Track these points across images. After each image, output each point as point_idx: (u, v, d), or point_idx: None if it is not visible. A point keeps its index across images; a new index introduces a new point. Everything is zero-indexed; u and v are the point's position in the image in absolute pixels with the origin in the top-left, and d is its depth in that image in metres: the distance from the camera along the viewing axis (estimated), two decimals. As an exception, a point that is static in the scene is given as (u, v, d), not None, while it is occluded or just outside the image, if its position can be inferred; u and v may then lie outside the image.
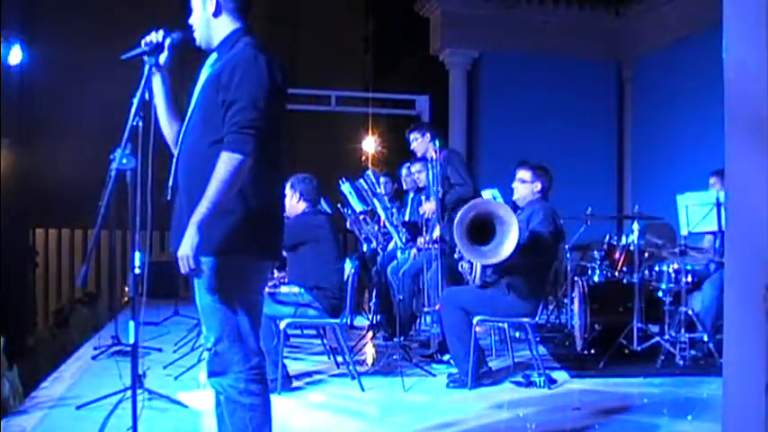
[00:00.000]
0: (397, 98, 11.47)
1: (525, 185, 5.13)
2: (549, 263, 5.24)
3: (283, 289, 4.95)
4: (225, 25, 2.81)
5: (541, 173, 5.19)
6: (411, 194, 7.06)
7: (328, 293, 4.89)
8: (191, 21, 2.87)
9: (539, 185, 5.12)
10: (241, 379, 2.71)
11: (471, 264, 5.07)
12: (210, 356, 2.77)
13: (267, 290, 4.58)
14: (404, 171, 7.17)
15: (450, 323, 4.90)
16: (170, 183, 2.82)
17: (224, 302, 2.70)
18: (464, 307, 4.86)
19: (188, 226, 2.60)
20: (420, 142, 6.02)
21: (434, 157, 5.56)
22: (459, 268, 5.22)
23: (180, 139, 2.82)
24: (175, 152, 2.84)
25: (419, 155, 6.12)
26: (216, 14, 2.80)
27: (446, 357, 5.49)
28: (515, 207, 5.13)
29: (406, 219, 6.66)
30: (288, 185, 5.04)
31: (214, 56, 2.85)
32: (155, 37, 2.83)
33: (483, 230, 4.70)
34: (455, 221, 4.76)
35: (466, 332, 4.83)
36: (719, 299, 5.28)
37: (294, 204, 5.04)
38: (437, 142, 5.65)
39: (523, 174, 5.16)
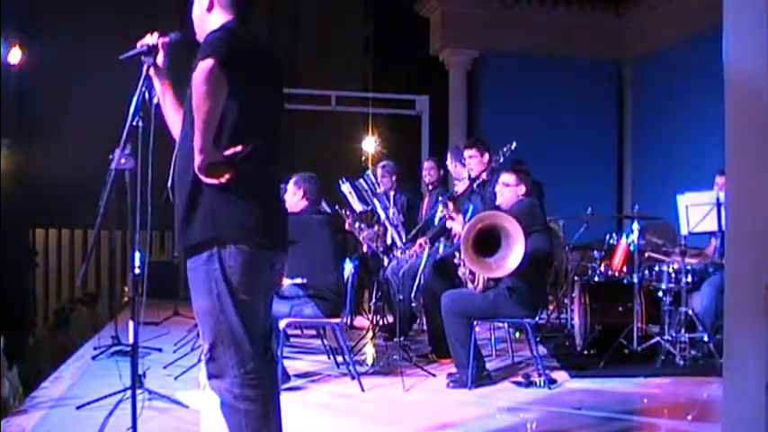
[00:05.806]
0: (397, 98, 11.44)
1: (510, 189, 5.07)
2: (549, 263, 5.23)
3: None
4: (216, 20, 2.79)
5: (524, 175, 5.15)
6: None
7: (324, 296, 4.87)
8: (193, 16, 2.86)
9: (523, 188, 5.06)
10: (236, 384, 2.68)
11: (473, 271, 5.03)
12: (206, 360, 2.75)
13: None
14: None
15: (453, 330, 4.88)
16: (168, 183, 2.82)
17: (219, 306, 2.66)
18: (466, 314, 4.85)
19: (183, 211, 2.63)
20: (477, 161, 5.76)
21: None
22: (460, 274, 5.20)
23: (178, 141, 2.81)
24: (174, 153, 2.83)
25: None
26: (208, 9, 2.80)
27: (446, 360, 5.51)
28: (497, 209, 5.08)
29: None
30: (291, 182, 5.03)
31: None
32: (149, 40, 2.85)
33: (488, 242, 4.68)
34: (462, 233, 4.74)
35: (467, 337, 4.82)
36: (718, 299, 5.28)
37: (296, 202, 5.02)
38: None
39: (507, 177, 5.09)
